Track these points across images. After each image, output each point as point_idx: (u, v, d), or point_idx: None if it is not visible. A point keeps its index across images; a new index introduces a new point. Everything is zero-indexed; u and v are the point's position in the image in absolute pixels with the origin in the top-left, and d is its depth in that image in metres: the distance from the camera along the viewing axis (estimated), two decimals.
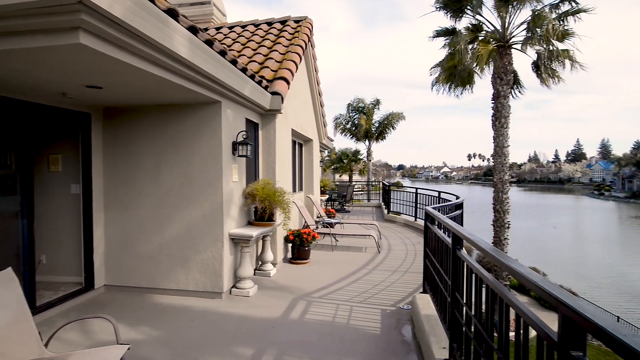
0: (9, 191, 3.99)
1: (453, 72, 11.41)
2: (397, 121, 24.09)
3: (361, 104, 24.39)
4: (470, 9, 11.35)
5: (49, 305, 4.17)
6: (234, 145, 4.93)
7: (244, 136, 5.01)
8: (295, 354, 3.40)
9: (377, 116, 24.37)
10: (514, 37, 11.18)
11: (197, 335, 3.76)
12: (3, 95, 3.68)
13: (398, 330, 3.90)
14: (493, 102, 11.39)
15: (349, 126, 24.70)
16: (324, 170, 27.93)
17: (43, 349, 2.48)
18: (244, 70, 4.60)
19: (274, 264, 6.03)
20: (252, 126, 5.76)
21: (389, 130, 24.25)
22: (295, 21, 8.13)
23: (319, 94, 9.75)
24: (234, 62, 4.23)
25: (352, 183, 22.14)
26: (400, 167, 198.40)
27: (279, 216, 5.56)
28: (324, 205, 13.34)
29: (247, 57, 6.63)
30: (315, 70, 9.01)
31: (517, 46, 11.12)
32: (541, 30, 10.33)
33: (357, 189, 21.66)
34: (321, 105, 10.08)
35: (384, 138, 24.48)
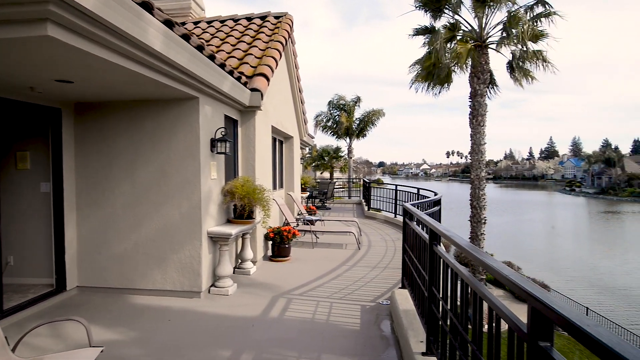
0: None
1: (431, 71, 11.57)
2: (378, 118, 24.32)
3: (342, 102, 24.48)
4: (448, 8, 11.54)
5: (17, 308, 4.00)
6: (213, 142, 4.85)
7: (222, 133, 4.94)
8: (275, 351, 3.39)
9: (357, 113, 24.55)
10: (490, 37, 11.44)
11: (175, 335, 3.70)
12: None
13: (377, 325, 3.95)
14: (470, 100, 11.64)
15: (330, 123, 24.76)
16: (305, 168, 27.91)
17: (10, 355, 2.38)
18: (222, 65, 4.53)
19: (254, 262, 5.99)
20: (231, 123, 5.69)
21: (370, 128, 24.46)
22: (276, 17, 8.06)
23: (300, 91, 9.72)
24: (211, 57, 4.16)
25: (333, 180, 22.24)
26: (381, 164, 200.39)
27: (258, 214, 5.52)
28: (305, 203, 13.35)
29: (226, 53, 6.53)
30: (295, 67, 8.97)
31: (494, 46, 11.39)
32: (516, 31, 10.61)
33: (338, 186, 21.76)
34: (302, 102, 10.05)
35: (365, 135, 24.68)
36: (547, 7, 10.71)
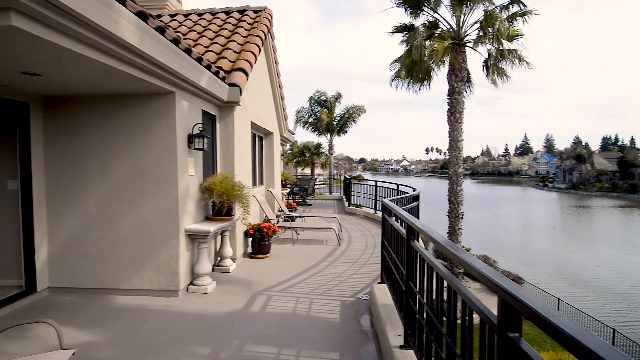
0: None
1: (411, 68, 11.72)
2: (359, 115, 24.44)
3: (323, 97, 24.47)
4: (427, 6, 11.68)
5: None
6: (190, 138, 4.76)
7: (200, 129, 4.85)
8: (255, 348, 3.38)
9: (338, 110, 24.61)
10: (467, 35, 11.67)
11: (152, 334, 3.63)
12: None
13: (357, 320, 3.98)
14: (448, 98, 11.85)
15: (311, 120, 24.74)
16: (285, 164, 27.80)
17: None
18: (200, 60, 4.44)
19: (234, 259, 5.94)
20: (209, 118, 5.59)
21: (351, 124, 24.57)
22: (254, 11, 7.95)
23: (280, 87, 9.65)
24: (188, 51, 4.07)
25: (314, 177, 22.25)
26: (362, 160, 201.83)
27: (238, 211, 5.47)
28: (286, 199, 13.31)
29: (204, 47, 6.41)
30: (275, 62, 8.89)
31: (471, 44, 11.61)
32: (492, 29, 10.85)
33: (319, 182, 21.78)
34: (282, 98, 9.98)
35: (346, 132, 24.77)
36: (521, 6, 10.98)
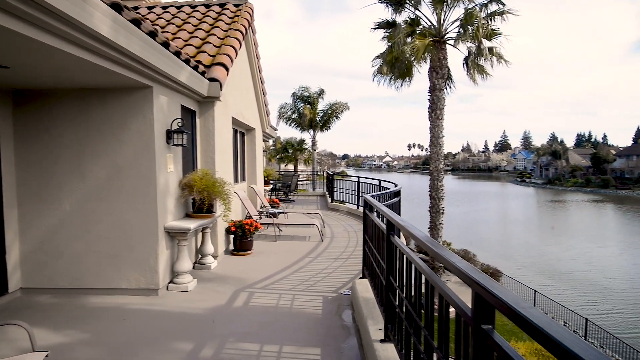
0: None
1: (393, 64, 11.79)
2: (342, 111, 24.44)
3: (306, 93, 24.37)
4: (409, 3, 11.76)
5: None
6: (169, 134, 4.67)
7: (179, 124, 4.76)
8: (236, 345, 3.36)
9: (321, 106, 24.55)
10: (448, 33, 11.81)
11: (130, 334, 3.56)
12: None
13: (339, 315, 4.01)
14: (430, 94, 11.99)
15: (294, 116, 24.61)
16: (269, 160, 27.63)
17: None
18: (178, 53, 4.35)
19: (215, 257, 5.88)
20: (188, 114, 5.49)
21: (334, 120, 24.55)
22: (235, 5, 7.83)
23: (261, 82, 9.56)
24: (165, 44, 3.97)
25: (297, 173, 22.20)
26: (345, 156, 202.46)
27: (219, 207, 5.41)
28: (269, 196, 13.24)
29: (183, 41, 6.28)
30: (256, 58, 8.79)
31: (452, 42, 11.77)
32: (472, 27, 11.02)
33: (302, 178, 21.76)
34: (263, 94, 9.90)
35: (329, 128, 24.76)
36: (500, 5, 11.18)
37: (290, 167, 29.99)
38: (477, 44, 11.33)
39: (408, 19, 11.76)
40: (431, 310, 1.88)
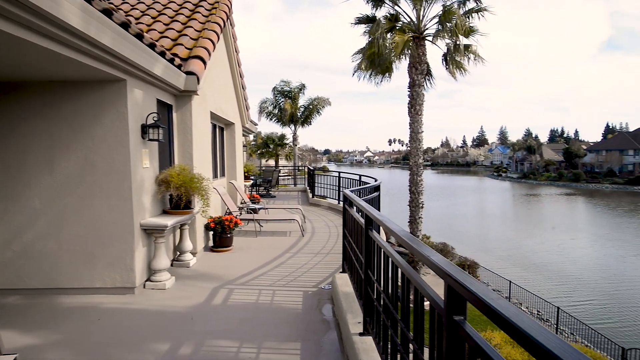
0: None
1: (373, 60, 11.83)
2: (323, 106, 24.42)
3: (287, 88, 24.21)
4: None
5: None
6: (144, 128, 4.55)
7: (155, 118, 4.64)
8: (215, 343, 3.33)
9: (302, 101, 24.45)
10: (427, 29, 11.94)
11: (105, 334, 3.47)
12: None
13: (319, 309, 4.03)
14: (409, 90, 12.11)
15: (275, 111, 24.42)
16: (249, 155, 27.38)
17: None
18: (152, 46, 4.23)
19: (194, 254, 5.79)
20: (165, 108, 5.36)
21: (315, 115, 24.50)
22: None
23: (241, 76, 9.42)
24: (139, 36, 3.85)
25: (278, 168, 22.08)
26: (327, 151, 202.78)
27: (198, 203, 5.32)
28: (249, 191, 13.12)
29: (158, 32, 6.10)
30: (235, 51, 8.66)
31: (431, 38, 11.90)
32: (450, 24, 11.16)
33: (283, 173, 21.64)
34: (243, 88, 9.77)
35: (310, 123, 24.69)
36: (477, 2, 11.37)
37: (272, 162, 29.81)
38: (454, 40, 11.49)
39: (388, 15, 11.80)
40: (407, 303, 1.91)
